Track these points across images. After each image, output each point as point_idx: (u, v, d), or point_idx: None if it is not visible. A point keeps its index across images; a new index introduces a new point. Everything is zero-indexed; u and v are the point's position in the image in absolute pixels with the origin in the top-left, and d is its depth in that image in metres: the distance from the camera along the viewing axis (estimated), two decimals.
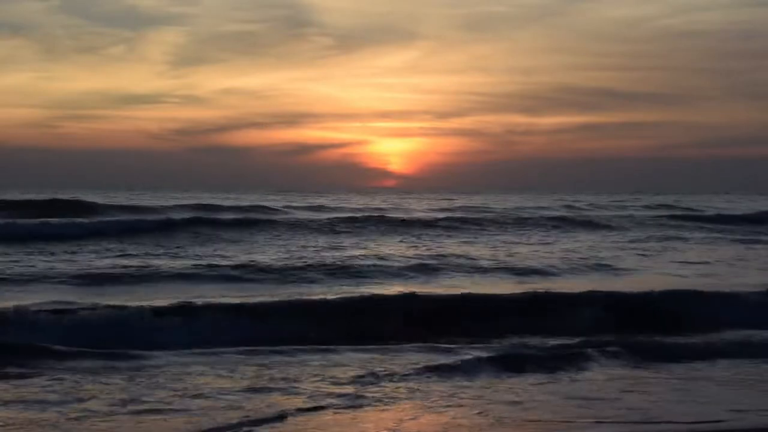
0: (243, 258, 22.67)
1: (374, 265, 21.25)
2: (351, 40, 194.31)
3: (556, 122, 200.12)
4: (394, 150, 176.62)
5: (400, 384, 9.86)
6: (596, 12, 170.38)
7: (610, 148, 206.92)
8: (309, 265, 20.86)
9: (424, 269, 21.05)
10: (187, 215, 35.93)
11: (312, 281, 18.81)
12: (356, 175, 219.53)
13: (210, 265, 20.61)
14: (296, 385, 9.73)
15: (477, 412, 8.74)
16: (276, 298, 15.13)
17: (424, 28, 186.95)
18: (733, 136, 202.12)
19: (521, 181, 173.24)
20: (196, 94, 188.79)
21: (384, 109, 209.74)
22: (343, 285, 18.06)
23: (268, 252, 24.97)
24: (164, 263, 21.31)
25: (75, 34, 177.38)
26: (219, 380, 9.92)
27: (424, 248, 27.00)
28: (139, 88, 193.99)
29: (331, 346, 11.97)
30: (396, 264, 21.83)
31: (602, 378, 10.52)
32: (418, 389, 9.65)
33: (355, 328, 13.45)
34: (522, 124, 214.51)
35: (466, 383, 10.03)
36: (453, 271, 21.03)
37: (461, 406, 8.97)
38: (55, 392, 9.19)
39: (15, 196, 48.24)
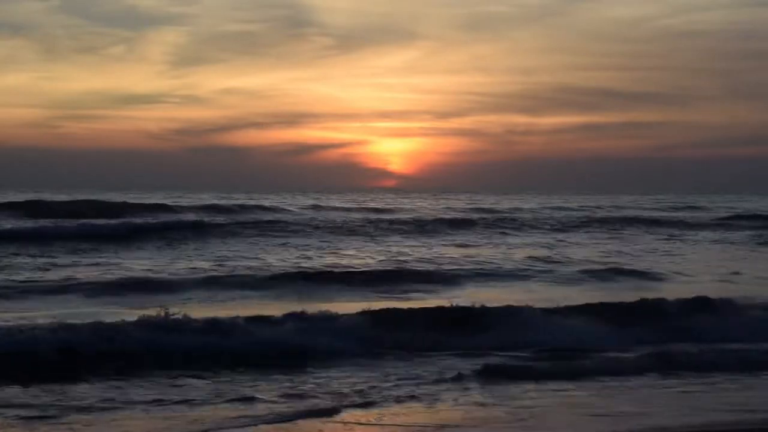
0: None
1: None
2: (351, 40, 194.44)
3: (556, 122, 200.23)
4: (394, 150, 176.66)
5: None
6: (596, 12, 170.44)
7: (610, 148, 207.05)
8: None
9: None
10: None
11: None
12: (356, 175, 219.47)
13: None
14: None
15: None
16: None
17: (424, 28, 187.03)
18: (733, 136, 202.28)
19: (521, 181, 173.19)
20: (196, 94, 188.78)
21: (384, 109, 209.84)
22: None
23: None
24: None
25: (75, 34, 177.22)
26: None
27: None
28: (139, 88, 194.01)
29: None
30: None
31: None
32: None
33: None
34: (522, 124, 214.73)
35: None
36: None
37: None
38: None
39: (27, 197, 48.33)
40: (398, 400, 9.60)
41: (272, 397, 9.61)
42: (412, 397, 9.69)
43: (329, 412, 8.99)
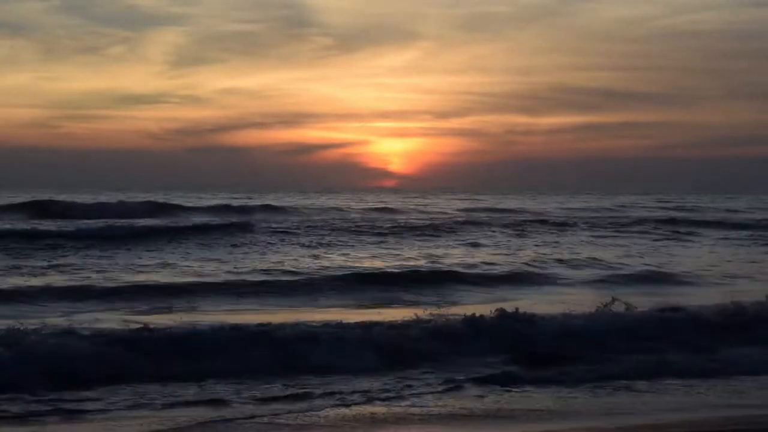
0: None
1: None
2: (351, 40, 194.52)
3: (556, 122, 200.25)
4: (394, 150, 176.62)
5: None
6: (596, 12, 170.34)
7: (610, 148, 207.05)
8: None
9: None
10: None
11: None
12: (356, 175, 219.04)
13: None
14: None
15: None
16: None
17: (424, 28, 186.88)
18: (733, 136, 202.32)
19: (521, 180, 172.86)
20: (196, 94, 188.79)
21: (384, 109, 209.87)
22: None
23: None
24: None
25: (75, 34, 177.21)
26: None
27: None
28: (139, 88, 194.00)
29: None
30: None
31: None
32: None
33: None
34: (522, 124, 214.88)
35: None
36: None
37: None
38: None
39: (18, 198, 48.08)
40: (384, 402, 9.63)
41: (248, 400, 9.64)
42: (394, 398, 9.77)
43: (305, 412, 9.08)
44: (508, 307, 13.91)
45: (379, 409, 9.39)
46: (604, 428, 8.85)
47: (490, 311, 13.74)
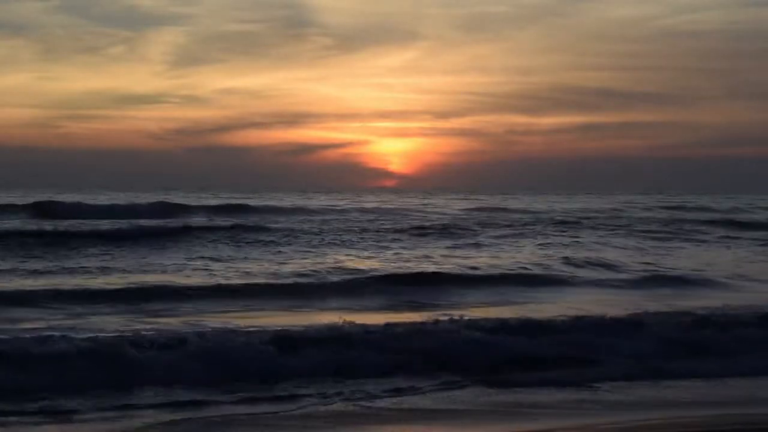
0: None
1: None
2: (351, 40, 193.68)
3: (556, 122, 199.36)
4: (394, 150, 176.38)
5: None
6: (596, 12, 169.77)
7: (610, 148, 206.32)
8: None
9: None
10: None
11: None
12: (356, 175, 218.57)
13: None
14: None
15: None
16: None
17: (424, 28, 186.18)
18: (733, 136, 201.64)
19: (521, 180, 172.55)
20: (196, 94, 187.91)
21: (384, 109, 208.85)
22: None
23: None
24: None
25: (75, 34, 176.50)
26: None
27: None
28: (139, 88, 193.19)
29: None
30: None
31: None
32: None
33: None
34: (521, 124, 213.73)
35: None
36: None
37: None
38: None
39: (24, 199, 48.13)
40: (382, 401, 9.75)
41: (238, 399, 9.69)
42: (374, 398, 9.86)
43: (290, 411, 9.16)
44: (511, 309, 13.93)
45: (375, 409, 9.41)
46: (606, 427, 8.85)
47: (494, 313, 13.79)
